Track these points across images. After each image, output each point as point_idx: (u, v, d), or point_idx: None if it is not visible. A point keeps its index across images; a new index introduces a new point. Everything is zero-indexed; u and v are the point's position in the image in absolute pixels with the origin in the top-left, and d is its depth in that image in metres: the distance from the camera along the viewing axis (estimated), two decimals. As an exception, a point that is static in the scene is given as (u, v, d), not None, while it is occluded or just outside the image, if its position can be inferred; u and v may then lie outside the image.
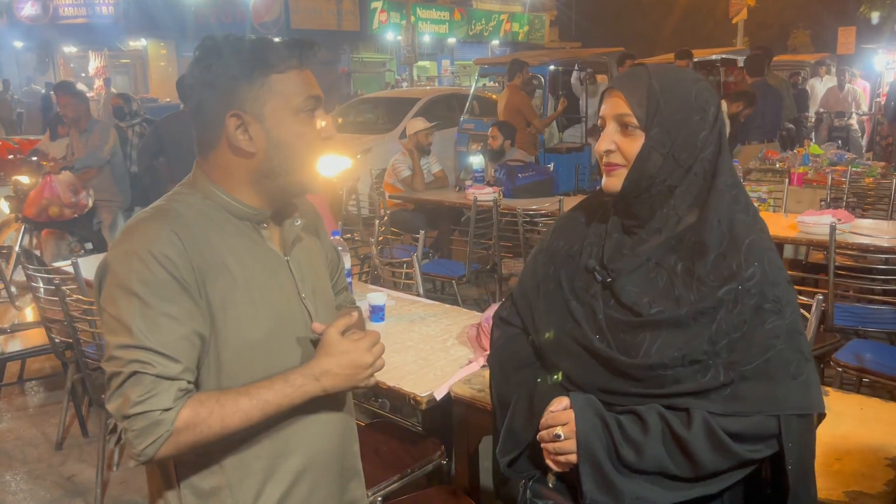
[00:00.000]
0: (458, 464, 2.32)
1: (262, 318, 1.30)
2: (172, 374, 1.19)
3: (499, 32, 25.08)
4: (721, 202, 1.31)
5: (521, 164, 5.61)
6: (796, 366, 1.27)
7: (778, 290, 1.28)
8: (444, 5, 23.78)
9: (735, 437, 1.26)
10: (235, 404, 1.23)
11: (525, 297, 1.51)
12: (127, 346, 1.17)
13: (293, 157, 1.30)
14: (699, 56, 10.34)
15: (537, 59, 9.04)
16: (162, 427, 1.17)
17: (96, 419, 3.86)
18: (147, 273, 1.19)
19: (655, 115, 1.30)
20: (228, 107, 1.26)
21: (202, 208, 1.30)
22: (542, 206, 4.71)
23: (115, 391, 1.18)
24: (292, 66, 1.28)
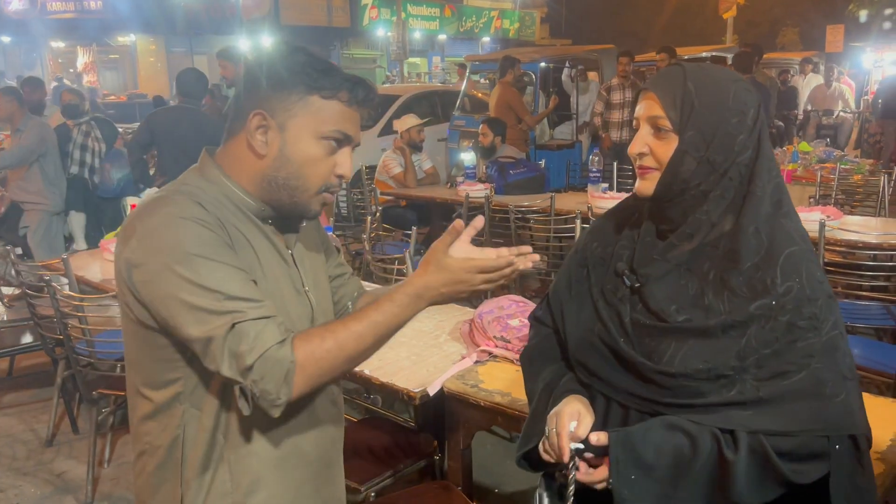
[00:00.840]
0: (451, 459, 2.32)
1: (282, 301, 1.30)
2: (265, 314, 1.17)
3: (489, 29, 25.07)
4: (759, 209, 1.26)
5: (512, 160, 5.62)
6: (833, 385, 1.21)
7: (815, 306, 1.22)
8: (434, 2, 23.75)
9: (784, 456, 1.21)
10: (346, 328, 1.21)
11: (557, 297, 1.51)
12: (210, 306, 1.14)
13: (296, 177, 1.28)
14: (689, 53, 10.41)
15: (528, 55, 9.04)
16: (285, 362, 1.15)
17: (86, 416, 3.85)
18: (195, 233, 1.17)
19: (690, 117, 1.25)
20: (258, 104, 1.26)
21: (214, 194, 1.28)
22: (533, 203, 4.72)
23: (220, 354, 1.15)
24: (339, 98, 1.27)
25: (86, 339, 3.12)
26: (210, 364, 1.17)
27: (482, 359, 2.39)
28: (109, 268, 3.68)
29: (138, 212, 1.24)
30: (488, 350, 2.42)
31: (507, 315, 2.58)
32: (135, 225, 1.21)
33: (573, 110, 9.18)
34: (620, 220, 1.46)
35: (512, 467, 3.25)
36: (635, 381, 1.32)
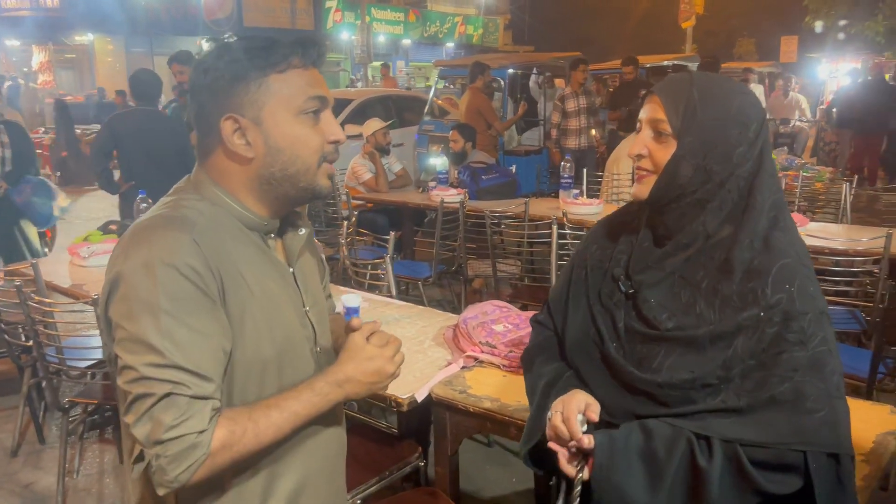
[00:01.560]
0: (439, 466, 2.31)
1: (275, 334, 1.26)
2: (206, 394, 1.12)
3: (453, 35, 25.14)
4: (757, 223, 1.26)
5: (483, 165, 5.64)
6: (815, 400, 1.21)
7: (803, 320, 1.23)
8: (398, 6, 23.74)
9: (758, 465, 1.22)
10: (267, 419, 1.18)
11: (557, 300, 1.53)
12: (157, 366, 1.09)
13: (294, 162, 1.23)
14: (652, 62, 10.57)
15: (496, 62, 9.09)
16: (199, 450, 1.10)
17: (52, 425, 3.75)
18: (173, 286, 1.11)
19: (691, 124, 1.26)
20: (224, 110, 1.20)
21: (212, 215, 1.22)
22: (507, 209, 4.74)
23: (143, 415, 1.09)
24: (293, 65, 1.22)
25: (55, 345, 3.04)
26: (125, 415, 1.12)
27: (468, 364, 2.39)
28: (77, 273, 3.59)
29: (129, 241, 1.18)
30: (474, 355, 2.41)
31: (491, 321, 2.59)
32: (122, 262, 1.15)
33: (540, 117, 9.26)
34: (620, 224, 1.47)
35: (492, 472, 3.29)
36: (621, 389, 1.33)
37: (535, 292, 4.22)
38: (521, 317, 2.63)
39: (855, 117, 9.49)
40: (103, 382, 3.14)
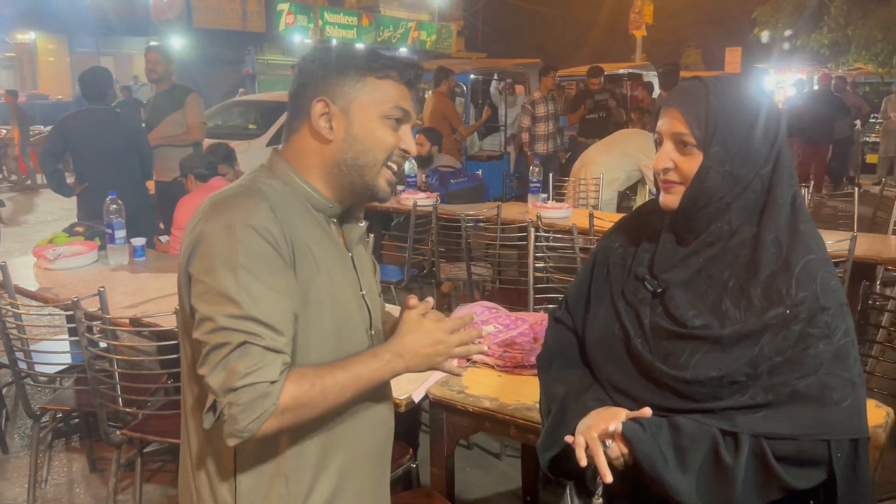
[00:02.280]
0: (435, 467, 2.31)
1: (336, 309, 1.31)
2: (278, 347, 1.17)
3: (406, 40, 25.13)
4: (778, 218, 1.29)
5: (452, 169, 5.66)
6: (840, 391, 1.25)
7: (827, 315, 1.25)
8: (352, 10, 23.63)
9: (783, 460, 1.25)
10: (333, 377, 1.22)
11: (576, 297, 1.53)
12: (234, 317, 1.15)
13: (365, 154, 1.32)
14: (609, 70, 10.77)
15: (459, 67, 9.14)
16: (269, 400, 1.15)
17: (16, 434, 3.62)
18: (252, 244, 1.18)
19: (714, 133, 1.28)
20: (318, 93, 1.30)
21: (284, 193, 1.30)
22: (479, 212, 4.76)
23: (218, 363, 1.15)
24: (391, 76, 1.32)
25: (24, 350, 2.93)
26: (201, 367, 1.18)
27: (462, 365, 2.39)
28: (45, 276, 3.48)
29: (209, 208, 1.25)
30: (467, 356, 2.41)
31: (481, 322, 2.59)
32: (203, 223, 1.23)
33: (502, 122, 9.33)
34: (642, 223, 1.48)
35: (473, 474, 3.29)
36: (648, 384, 1.34)
37: (508, 295, 4.24)
38: (510, 317, 2.64)
39: (802, 127, 9.82)
40: (76, 388, 3.04)
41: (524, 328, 2.55)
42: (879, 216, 5.54)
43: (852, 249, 3.59)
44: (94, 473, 3.30)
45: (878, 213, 5.60)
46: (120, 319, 2.69)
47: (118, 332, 2.73)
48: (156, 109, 5.41)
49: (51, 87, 18.56)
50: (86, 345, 2.54)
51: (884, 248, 4.01)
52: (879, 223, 5.44)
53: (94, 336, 2.56)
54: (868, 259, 3.79)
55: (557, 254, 3.94)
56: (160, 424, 2.72)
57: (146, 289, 3.24)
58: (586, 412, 1.37)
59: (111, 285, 3.06)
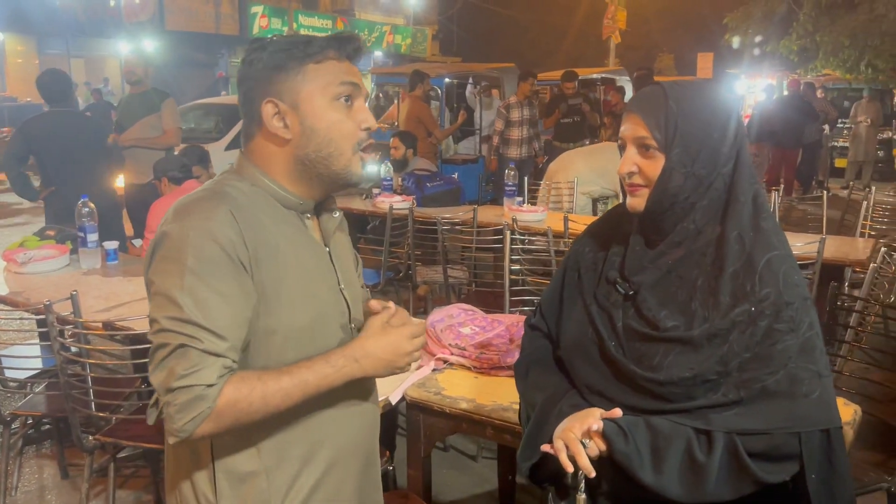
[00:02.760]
0: (412, 468, 2.31)
1: (310, 305, 1.31)
2: (218, 351, 1.19)
3: (381, 43, 25.11)
4: (741, 215, 1.32)
5: (428, 173, 5.67)
6: (808, 384, 1.28)
7: (791, 309, 1.29)
8: (326, 14, 23.57)
9: (756, 456, 1.27)
10: (277, 383, 1.22)
11: (550, 303, 1.55)
12: (175, 319, 1.17)
13: (327, 144, 1.31)
14: (582, 75, 10.84)
15: (434, 71, 9.17)
16: (204, 402, 1.16)
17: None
18: (203, 250, 1.19)
19: (675, 136, 1.31)
20: (265, 95, 1.30)
21: (251, 194, 1.31)
22: (455, 215, 4.77)
23: (159, 363, 1.18)
24: (329, 56, 1.31)
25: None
26: (149, 366, 1.21)
27: (439, 367, 2.40)
28: (15, 280, 3.42)
29: (172, 212, 1.26)
30: (444, 358, 2.43)
31: (458, 323, 2.60)
32: (162, 227, 1.25)
33: (477, 126, 9.36)
34: (610, 228, 1.51)
35: (449, 476, 3.30)
36: (624, 386, 1.36)
37: (484, 297, 4.26)
38: (487, 319, 2.65)
39: (773, 131, 9.98)
40: (48, 393, 3.00)
41: (500, 330, 2.57)
42: (847, 219, 5.66)
43: (821, 251, 3.66)
44: (66, 480, 3.25)
45: (846, 216, 5.72)
46: (92, 323, 2.66)
47: (91, 337, 2.70)
48: (129, 111, 5.37)
49: (19, 89, 18.23)
50: (58, 349, 2.51)
51: (851, 251, 4.10)
52: (847, 226, 5.55)
53: (66, 340, 2.53)
54: (836, 261, 3.87)
55: (532, 256, 3.97)
56: (134, 429, 2.69)
57: (119, 292, 3.21)
58: (563, 417, 1.38)
59: (83, 289, 3.02)
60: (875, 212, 5.33)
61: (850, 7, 11.35)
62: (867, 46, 11.35)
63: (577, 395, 1.44)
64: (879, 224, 5.24)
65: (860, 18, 11.11)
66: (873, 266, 3.29)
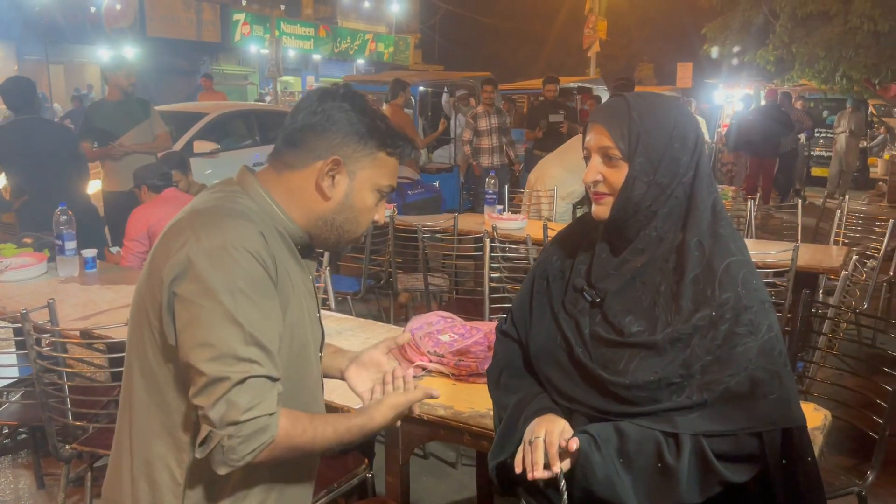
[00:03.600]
0: (390, 475, 2.32)
1: (300, 331, 1.34)
2: (275, 374, 1.20)
3: (364, 51, 25.14)
4: (700, 222, 1.36)
5: (409, 181, 5.69)
6: (768, 384, 1.32)
7: (750, 313, 1.33)
8: (309, 21, 23.56)
9: (721, 457, 1.32)
10: (324, 430, 1.28)
11: (520, 310, 1.58)
12: (241, 342, 1.16)
13: (352, 221, 1.38)
14: (563, 83, 10.92)
15: (409, 79, 9.18)
16: (268, 433, 1.17)
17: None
18: (250, 270, 1.20)
19: (637, 145, 1.36)
20: (335, 150, 1.32)
21: (260, 215, 1.31)
22: (436, 223, 4.79)
23: (220, 397, 1.15)
24: (398, 153, 1.40)
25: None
26: (198, 397, 1.17)
27: (418, 374, 2.41)
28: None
29: (197, 225, 1.22)
30: (423, 365, 2.44)
31: (437, 331, 2.62)
32: (193, 244, 1.20)
33: (453, 135, 9.38)
34: (578, 236, 1.55)
35: (429, 483, 3.30)
36: (592, 391, 1.40)
37: (464, 304, 4.29)
38: (465, 326, 2.67)
39: (750, 140, 10.11)
40: (24, 402, 2.98)
41: (479, 337, 2.59)
42: (822, 227, 5.75)
43: (795, 259, 3.72)
44: (42, 490, 3.22)
45: (820, 224, 5.81)
46: (70, 332, 2.65)
47: (68, 345, 2.69)
48: (112, 119, 5.23)
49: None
50: (34, 357, 2.50)
51: (825, 258, 4.16)
52: (822, 233, 5.64)
53: (42, 349, 2.51)
54: (810, 268, 3.93)
55: (512, 264, 4.00)
56: (111, 438, 2.67)
57: (97, 300, 3.20)
58: (532, 420, 1.42)
59: (61, 297, 3.01)
60: (849, 220, 5.43)
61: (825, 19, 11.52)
62: (842, 58, 11.51)
63: (546, 398, 1.48)
64: (853, 232, 5.33)
65: (835, 30, 11.28)
66: (845, 273, 3.35)
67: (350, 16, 25.52)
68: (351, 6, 25.33)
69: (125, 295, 3.27)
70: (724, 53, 13.14)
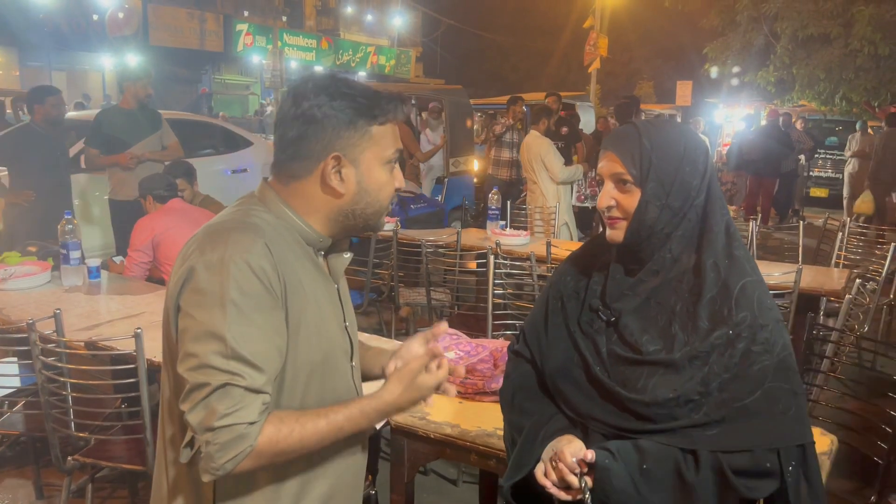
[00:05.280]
0: (395, 493, 2.31)
1: (323, 341, 1.34)
2: (259, 387, 1.19)
3: (366, 64, 25.26)
4: (715, 244, 1.40)
5: (412, 195, 5.71)
6: (784, 402, 1.36)
7: (766, 331, 1.37)
8: (311, 33, 23.67)
9: (738, 473, 1.34)
10: (315, 425, 1.24)
11: (534, 329, 1.60)
12: (219, 354, 1.17)
13: (374, 203, 1.37)
14: (531, 99, 10.65)
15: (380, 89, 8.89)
16: (246, 441, 1.17)
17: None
18: (245, 283, 1.19)
19: (649, 171, 1.40)
20: (331, 148, 1.31)
21: (277, 227, 1.32)
22: (439, 238, 4.80)
23: (199, 402, 1.17)
24: (390, 119, 1.36)
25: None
26: (181, 402, 1.20)
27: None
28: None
29: (204, 239, 1.25)
30: (429, 383, 2.44)
31: (443, 348, 2.61)
32: (197, 255, 1.23)
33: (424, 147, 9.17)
34: (590, 257, 1.58)
35: (429, 500, 3.28)
36: (610, 408, 1.42)
37: (466, 320, 4.28)
38: (471, 344, 2.67)
39: (751, 160, 10.16)
40: (25, 412, 2.97)
41: (484, 355, 2.59)
42: (823, 248, 5.76)
43: (798, 281, 3.73)
44: (41, 500, 3.21)
45: (821, 246, 5.82)
46: (75, 342, 2.65)
47: (73, 356, 2.68)
48: (123, 128, 5.23)
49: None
50: (40, 368, 2.49)
51: (827, 280, 4.17)
52: (823, 255, 5.65)
53: (48, 360, 2.51)
54: (812, 290, 3.94)
55: (516, 280, 4.00)
56: (113, 450, 2.68)
57: (101, 311, 3.19)
58: (549, 441, 1.44)
59: (65, 307, 3.00)
60: (850, 242, 5.44)
61: (825, 42, 11.63)
62: (842, 80, 11.62)
63: (562, 419, 1.49)
64: (854, 254, 5.34)
65: (835, 53, 11.39)
66: (849, 297, 3.35)
67: (352, 28, 25.66)
68: (353, 19, 25.48)
69: (129, 305, 3.27)
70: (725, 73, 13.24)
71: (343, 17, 25.33)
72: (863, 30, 10.98)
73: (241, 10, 21.81)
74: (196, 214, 3.89)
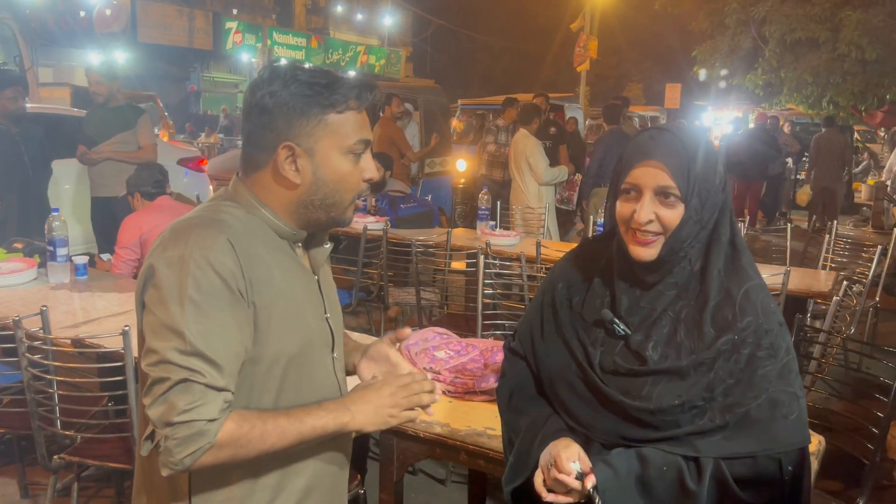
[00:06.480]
0: (384, 493, 2.30)
1: (298, 333, 1.32)
2: (219, 385, 1.19)
3: (355, 63, 25.17)
4: (720, 251, 1.37)
5: (402, 195, 5.69)
6: (787, 406, 1.34)
7: (770, 336, 1.35)
8: (301, 32, 23.60)
9: (739, 481, 1.32)
10: (276, 423, 1.23)
11: (527, 336, 1.57)
12: (178, 351, 1.17)
13: (333, 194, 1.33)
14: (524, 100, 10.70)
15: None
16: (205, 438, 1.16)
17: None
18: (204, 280, 1.19)
19: (695, 185, 1.32)
20: (282, 137, 1.28)
21: (247, 222, 1.31)
22: (429, 238, 4.79)
23: (159, 397, 1.17)
24: (351, 107, 1.30)
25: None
26: (143, 397, 1.20)
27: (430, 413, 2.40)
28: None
29: (168, 236, 1.25)
30: (419, 382, 2.43)
31: (432, 347, 2.62)
32: (159, 252, 1.23)
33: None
34: (586, 262, 1.53)
35: (417, 500, 3.28)
36: (612, 416, 1.39)
37: (455, 320, 4.28)
38: (461, 343, 2.67)
39: (739, 162, 10.21)
40: (10, 410, 2.94)
41: (475, 354, 2.59)
42: (810, 251, 5.80)
43: (786, 283, 3.75)
44: (26, 499, 3.18)
45: (808, 249, 5.86)
46: (62, 340, 2.62)
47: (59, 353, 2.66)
48: (102, 126, 5.24)
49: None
50: (26, 365, 2.47)
51: (814, 283, 4.20)
52: (810, 258, 5.69)
53: (34, 357, 2.48)
54: (800, 292, 3.96)
55: (505, 280, 4.00)
56: (100, 448, 2.65)
57: (88, 308, 3.17)
58: (547, 443, 1.42)
59: (51, 304, 2.97)
60: (836, 245, 5.48)
61: (813, 46, 11.73)
62: (829, 84, 11.72)
63: (559, 420, 1.47)
64: (840, 257, 5.39)
65: (823, 57, 11.49)
66: (836, 299, 3.38)
67: (342, 27, 25.61)
68: (343, 18, 25.43)
69: (116, 303, 3.24)
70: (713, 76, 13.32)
71: (333, 16, 25.28)
72: (850, 34, 11.08)
73: (230, 8, 21.74)
74: (184, 212, 3.86)
